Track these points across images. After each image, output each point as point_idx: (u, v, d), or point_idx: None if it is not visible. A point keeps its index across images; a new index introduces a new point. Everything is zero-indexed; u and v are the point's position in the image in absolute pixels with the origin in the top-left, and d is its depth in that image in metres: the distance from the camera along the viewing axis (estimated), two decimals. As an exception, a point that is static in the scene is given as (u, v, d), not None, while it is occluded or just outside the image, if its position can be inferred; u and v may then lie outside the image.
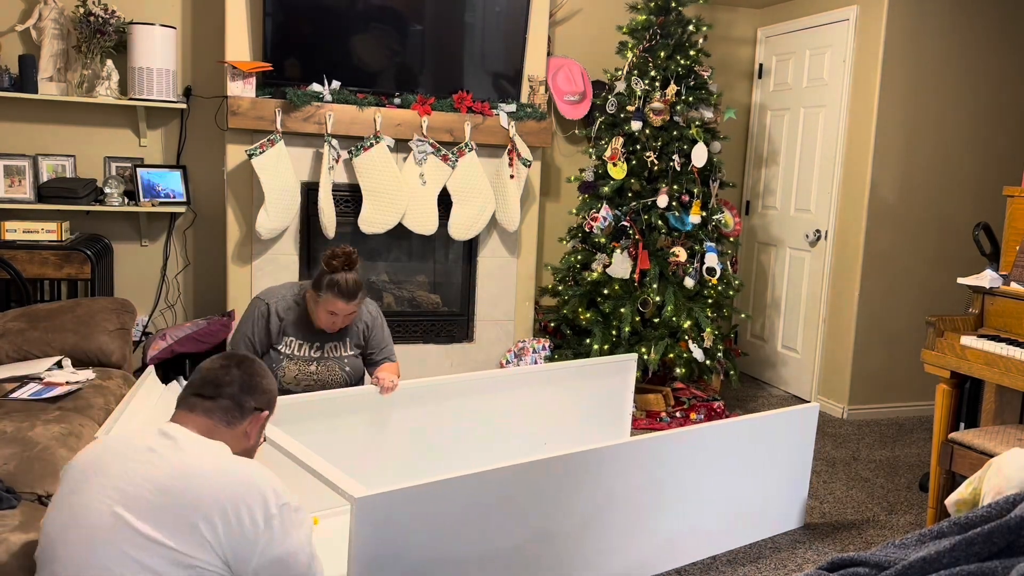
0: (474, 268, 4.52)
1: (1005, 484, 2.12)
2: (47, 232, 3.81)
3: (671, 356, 4.13)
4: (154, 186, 4.15)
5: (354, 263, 2.96)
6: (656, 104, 4.16)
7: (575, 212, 4.51)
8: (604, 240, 4.27)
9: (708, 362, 4.21)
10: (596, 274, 4.25)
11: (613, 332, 4.19)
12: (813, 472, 3.73)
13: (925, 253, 4.58)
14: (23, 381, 2.77)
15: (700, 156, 4.14)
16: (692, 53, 4.21)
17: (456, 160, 4.25)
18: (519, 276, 4.59)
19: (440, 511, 2.20)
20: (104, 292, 3.97)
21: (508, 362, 4.49)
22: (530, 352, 4.47)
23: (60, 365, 2.94)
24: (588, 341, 4.26)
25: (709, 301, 4.24)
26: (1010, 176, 4.63)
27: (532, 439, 3.42)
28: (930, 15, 4.35)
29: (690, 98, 4.19)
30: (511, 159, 4.34)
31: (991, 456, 2.61)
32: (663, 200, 4.13)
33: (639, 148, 4.23)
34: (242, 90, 3.93)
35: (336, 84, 4.04)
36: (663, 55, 4.18)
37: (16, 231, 3.76)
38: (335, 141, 4.04)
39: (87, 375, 2.90)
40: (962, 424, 3.42)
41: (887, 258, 4.50)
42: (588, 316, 4.28)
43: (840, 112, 4.57)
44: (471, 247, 4.51)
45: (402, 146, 4.20)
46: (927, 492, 3.51)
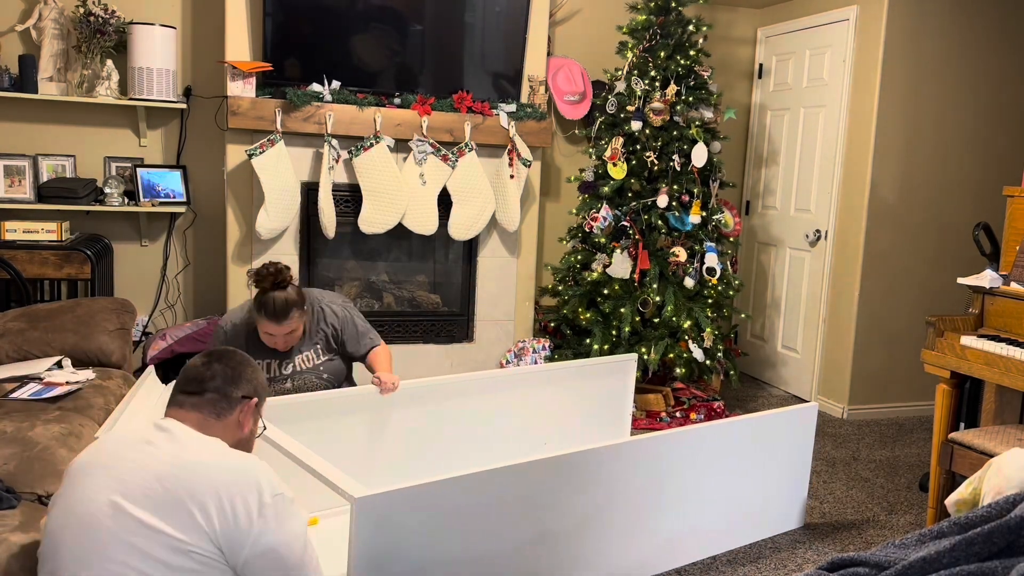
0: (474, 268, 4.52)
1: (1005, 484, 2.12)
2: (47, 232, 3.81)
3: (671, 356, 4.13)
4: (154, 186, 4.15)
5: (285, 281, 2.76)
6: (656, 104, 4.16)
7: (575, 212, 4.51)
8: (604, 240, 4.27)
9: (708, 362, 4.21)
10: (596, 274, 4.25)
11: (613, 332, 4.19)
12: (813, 472, 3.73)
13: (925, 253, 4.58)
14: (23, 381, 2.77)
15: (700, 156, 4.14)
16: (692, 53, 4.21)
17: (456, 160, 4.25)
18: (519, 276, 4.59)
19: (440, 511, 2.20)
20: (104, 292, 3.97)
21: (508, 362, 4.49)
22: (530, 352, 4.47)
23: (60, 365, 2.94)
24: (588, 341, 4.26)
25: (709, 301, 4.23)
26: (1010, 176, 4.63)
27: (532, 439, 3.42)
28: (930, 15, 4.35)
29: (690, 98, 4.19)
30: (511, 159, 4.34)
31: (991, 456, 2.61)
32: (663, 200, 4.13)
33: (639, 148, 4.23)
34: (242, 90, 3.92)
35: (336, 84, 4.04)
36: (663, 55, 4.18)
37: (16, 231, 3.76)
38: (335, 141, 4.04)
39: (87, 375, 2.91)
40: (962, 424, 3.42)
41: (887, 258, 4.50)
42: (588, 316, 4.28)
43: (840, 112, 4.57)
44: (471, 247, 4.51)
45: (402, 146, 4.20)
46: (927, 492, 3.51)
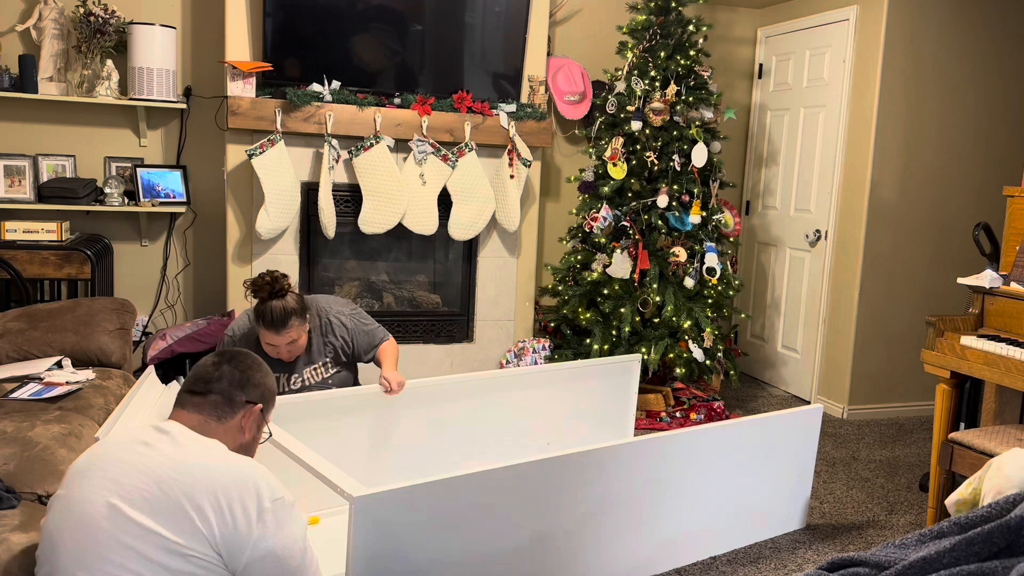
0: (474, 268, 4.52)
1: (1005, 484, 2.11)
2: (47, 232, 3.81)
3: (671, 356, 4.13)
4: (154, 186, 4.15)
5: (282, 289, 2.70)
6: (656, 104, 4.16)
7: (575, 212, 4.51)
8: (604, 240, 4.27)
9: (708, 362, 4.21)
10: (596, 274, 4.25)
11: (613, 332, 4.19)
12: (813, 472, 3.73)
13: (925, 253, 4.58)
14: (23, 381, 2.77)
15: (700, 156, 4.14)
16: (692, 53, 4.21)
17: (456, 160, 4.24)
18: (519, 276, 4.59)
19: (440, 511, 2.20)
20: (104, 292, 3.97)
21: (508, 362, 4.49)
22: (530, 352, 4.47)
23: (60, 365, 2.94)
24: (588, 341, 4.25)
25: (709, 301, 4.23)
26: (1010, 176, 4.63)
27: (535, 439, 3.42)
28: (930, 15, 4.35)
29: (690, 98, 4.19)
30: (511, 159, 4.33)
31: (991, 456, 2.61)
32: (663, 200, 4.13)
33: (639, 148, 4.23)
34: (242, 90, 3.93)
35: (336, 84, 4.04)
36: (663, 55, 4.18)
37: (16, 231, 3.76)
38: (335, 141, 4.04)
39: (87, 375, 2.90)
40: (962, 424, 3.42)
41: (887, 258, 4.50)
42: (588, 316, 4.28)
43: (840, 112, 4.57)
44: (471, 247, 4.51)
45: (402, 146, 4.20)
46: (927, 492, 3.51)
